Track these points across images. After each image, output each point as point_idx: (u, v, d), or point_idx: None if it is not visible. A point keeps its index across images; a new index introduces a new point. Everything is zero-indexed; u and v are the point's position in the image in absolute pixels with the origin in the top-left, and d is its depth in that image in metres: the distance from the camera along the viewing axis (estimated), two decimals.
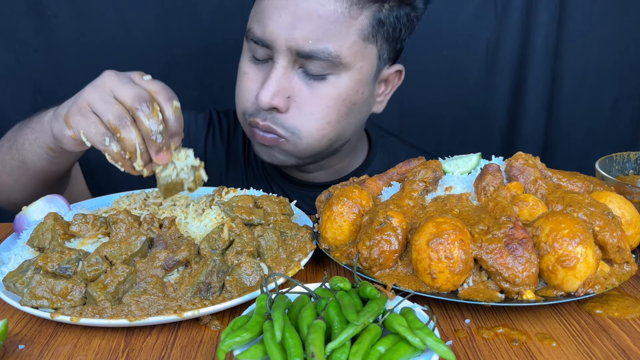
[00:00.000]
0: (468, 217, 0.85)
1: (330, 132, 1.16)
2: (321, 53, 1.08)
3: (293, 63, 1.11)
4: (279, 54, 1.09)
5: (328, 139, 1.17)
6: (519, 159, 0.95)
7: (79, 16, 1.79)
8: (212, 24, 1.86)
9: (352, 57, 1.11)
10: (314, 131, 1.15)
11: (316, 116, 1.13)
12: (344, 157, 1.33)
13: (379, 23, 1.12)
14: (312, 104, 1.13)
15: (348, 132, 1.21)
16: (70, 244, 0.91)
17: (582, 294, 0.78)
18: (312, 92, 1.12)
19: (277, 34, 1.08)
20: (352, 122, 1.20)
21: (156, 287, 0.81)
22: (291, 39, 1.07)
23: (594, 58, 1.90)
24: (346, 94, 1.14)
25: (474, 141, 2.00)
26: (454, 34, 1.89)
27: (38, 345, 0.77)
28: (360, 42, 1.11)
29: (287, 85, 1.11)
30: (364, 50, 1.12)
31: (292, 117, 1.13)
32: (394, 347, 0.65)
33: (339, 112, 1.15)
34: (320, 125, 1.14)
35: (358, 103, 1.17)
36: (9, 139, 1.17)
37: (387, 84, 1.26)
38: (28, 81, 1.85)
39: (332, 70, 1.11)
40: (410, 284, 0.81)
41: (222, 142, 1.40)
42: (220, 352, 0.65)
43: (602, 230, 0.82)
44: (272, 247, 0.92)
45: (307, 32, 1.07)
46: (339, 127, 1.17)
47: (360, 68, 1.13)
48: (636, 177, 1.10)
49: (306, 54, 1.08)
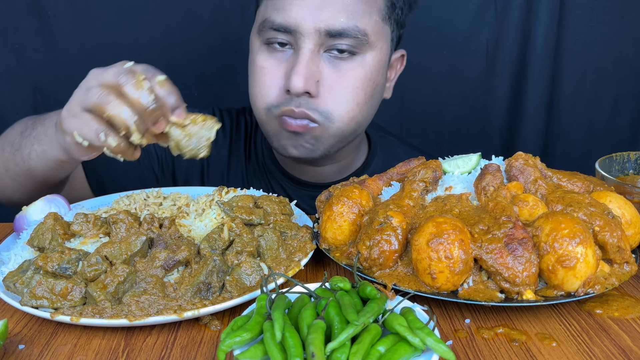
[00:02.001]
0: (468, 217, 0.85)
1: (358, 114, 1.18)
2: (352, 30, 1.10)
3: (319, 46, 1.12)
4: (304, 38, 1.10)
5: (356, 121, 1.19)
6: (519, 159, 0.95)
7: (79, 16, 1.79)
8: (212, 24, 1.86)
9: (375, 37, 1.14)
10: (344, 114, 1.16)
11: (347, 98, 1.15)
12: (351, 150, 1.33)
13: (392, 5, 1.17)
14: (341, 86, 1.14)
15: (370, 114, 1.24)
16: (70, 244, 0.91)
17: (582, 294, 0.78)
18: (340, 74, 1.14)
19: (302, 17, 1.09)
20: (374, 106, 1.23)
21: (156, 287, 0.81)
22: (320, 20, 1.09)
23: (594, 58, 1.89)
24: (371, 74, 1.16)
25: (474, 141, 2.00)
26: (454, 33, 1.89)
27: (38, 345, 0.77)
28: (380, 22, 1.15)
29: (315, 70, 1.12)
30: (382, 31, 1.16)
31: (325, 102, 1.14)
32: (394, 347, 0.65)
33: (366, 92, 1.17)
34: (350, 107, 1.16)
35: (379, 85, 1.20)
36: (11, 144, 1.15)
37: (391, 70, 1.28)
38: (28, 81, 1.85)
39: (359, 50, 1.13)
40: (410, 284, 0.81)
41: (225, 141, 1.40)
42: (220, 352, 0.65)
43: (602, 230, 0.82)
44: (272, 247, 0.92)
45: (336, 10, 1.09)
46: (365, 109, 1.19)
47: (381, 48, 1.17)
48: (636, 177, 1.10)
49: (337, 32, 1.10)
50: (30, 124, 1.14)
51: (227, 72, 1.92)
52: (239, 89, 1.42)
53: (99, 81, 0.87)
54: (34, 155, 1.08)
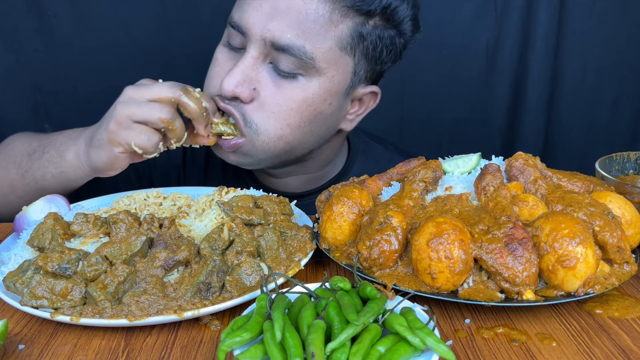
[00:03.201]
0: (468, 217, 0.85)
1: (289, 135, 1.13)
2: (296, 49, 1.05)
3: (264, 56, 1.09)
4: (252, 43, 1.08)
5: (286, 142, 1.14)
6: (519, 159, 0.95)
7: (79, 16, 1.79)
8: (212, 24, 1.85)
9: (325, 63, 1.09)
10: (272, 130, 1.12)
11: (277, 115, 1.11)
12: (319, 166, 1.31)
13: (359, 37, 1.10)
14: (276, 102, 1.10)
15: (310, 141, 1.18)
16: (70, 244, 0.91)
17: (582, 294, 0.78)
18: (278, 90, 1.10)
19: (253, 22, 1.07)
20: (316, 132, 1.17)
21: (156, 287, 0.81)
22: (267, 29, 1.05)
23: (594, 58, 1.89)
24: (312, 100, 1.11)
25: (474, 141, 2.00)
26: (454, 34, 1.89)
27: (38, 345, 0.77)
28: (336, 50, 1.09)
29: (253, 77, 1.09)
30: (339, 60, 1.10)
31: (253, 111, 1.10)
32: (394, 347, 0.65)
33: (302, 117, 1.12)
34: (279, 125, 1.11)
35: (324, 113, 1.14)
36: (17, 165, 1.18)
37: (360, 104, 1.23)
38: (28, 81, 1.85)
39: (303, 72, 1.09)
40: (410, 284, 0.81)
41: (201, 151, 1.38)
42: (220, 352, 0.65)
43: (602, 230, 0.82)
44: (272, 247, 0.92)
45: (286, 25, 1.05)
46: (299, 133, 1.14)
47: (333, 77, 1.11)
48: (636, 177, 1.10)
49: (281, 47, 1.05)
50: (35, 145, 1.18)
51: None
52: None
53: (150, 97, 1.02)
54: (49, 176, 1.13)
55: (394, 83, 1.91)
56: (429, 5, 1.82)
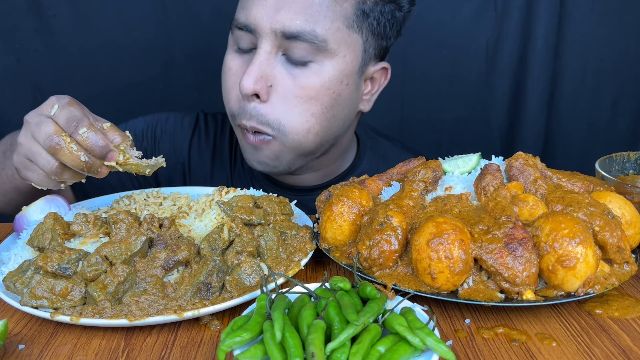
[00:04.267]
0: (468, 217, 0.85)
1: (315, 125, 1.13)
2: (308, 34, 1.06)
3: (277, 48, 1.09)
4: (262, 38, 1.08)
5: (314, 133, 1.14)
6: (519, 159, 0.95)
7: (79, 16, 1.79)
8: (212, 24, 1.86)
9: (336, 44, 1.10)
10: (298, 125, 1.12)
11: (300, 108, 1.11)
12: (334, 159, 1.31)
13: (363, 14, 1.12)
14: (294, 94, 1.10)
15: (335, 127, 1.18)
16: (70, 244, 0.91)
17: (582, 294, 0.78)
18: (295, 81, 1.10)
19: (261, 16, 1.07)
20: (339, 116, 1.17)
21: (156, 287, 0.81)
22: (276, 21, 1.06)
23: (594, 58, 1.90)
24: (330, 84, 1.11)
25: (474, 141, 2.00)
26: (454, 34, 1.89)
27: (38, 345, 0.77)
28: (344, 29, 1.10)
29: (269, 72, 1.09)
30: (348, 39, 1.11)
31: (274, 110, 1.11)
32: (394, 347, 0.65)
33: (323, 103, 1.12)
34: (304, 118, 1.12)
35: (343, 95, 1.15)
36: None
37: (373, 83, 1.24)
38: (28, 81, 1.85)
39: (316, 57, 1.09)
40: (410, 284, 0.81)
41: (208, 145, 1.38)
42: (220, 352, 0.65)
43: (602, 230, 0.82)
44: (272, 247, 0.92)
45: (293, 12, 1.06)
46: (324, 120, 1.14)
47: (345, 57, 1.12)
48: (636, 177, 1.10)
49: (292, 35, 1.06)
50: (8, 143, 1.17)
51: None
52: None
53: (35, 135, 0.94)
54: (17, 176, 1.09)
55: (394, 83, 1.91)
56: (429, 5, 1.82)
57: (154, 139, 1.36)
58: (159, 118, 1.38)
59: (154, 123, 1.37)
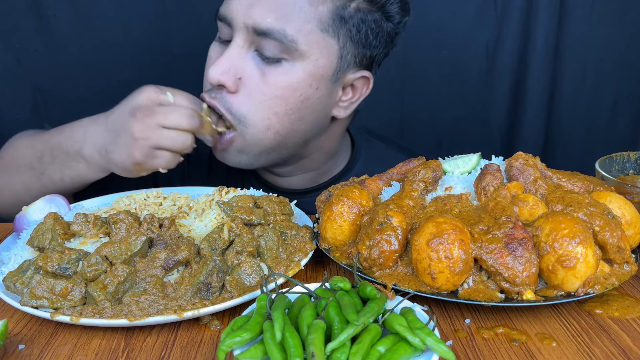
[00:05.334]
0: (468, 217, 0.85)
1: (276, 124, 1.13)
2: (277, 33, 1.06)
3: (249, 43, 1.10)
4: (236, 31, 1.10)
5: (275, 131, 1.14)
6: (519, 159, 0.95)
7: (79, 16, 1.79)
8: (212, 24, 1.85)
9: (308, 46, 1.09)
10: (259, 120, 1.12)
11: (263, 105, 1.11)
12: (321, 162, 1.30)
13: (340, 19, 1.10)
14: (261, 90, 1.10)
15: (301, 129, 1.17)
16: (70, 244, 0.91)
17: (582, 294, 0.78)
18: (263, 77, 1.10)
19: (236, 10, 1.09)
20: (305, 119, 1.16)
21: (156, 287, 0.81)
22: (248, 16, 1.07)
23: (594, 58, 1.89)
24: (297, 85, 1.11)
25: (474, 141, 2.00)
26: (454, 33, 1.89)
27: (38, 345, 0.77)
28: (318, 32, 1.09)
29: (239, 65, 1.10)
30: (321, 42, 1.10)
31: (240, 102, 1.11)
32: (394, 347, 0.65)
33: (288, 103, 1.12)
34: (266, 115, 1.12)
35: (312, 99, 1.13)
36: (30, 168, 1.21)
37: (354, 91, 1.21)
38: (28, 81, 1.85)
39: (287, 56, 1.09)
40: (410, 284, 0.81)
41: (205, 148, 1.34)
42: (220, 352, 0.65)
43: (602, 230, 0.82)
44: (272, 247, 0.92)
45: (266, 9, 1.06)
46: (287, 121, 1.13)
47: (317, 60, 1.10)
48: (636, 177, 1.10)
49: (262, 32, 1.07)
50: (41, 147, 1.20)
51: None
52: None
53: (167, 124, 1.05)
54: (67, 179, 1.17)
55: (394, 83, 1.91)
56: (429, 5, 1.82)
57: None
58: None
59: None
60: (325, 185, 1.30)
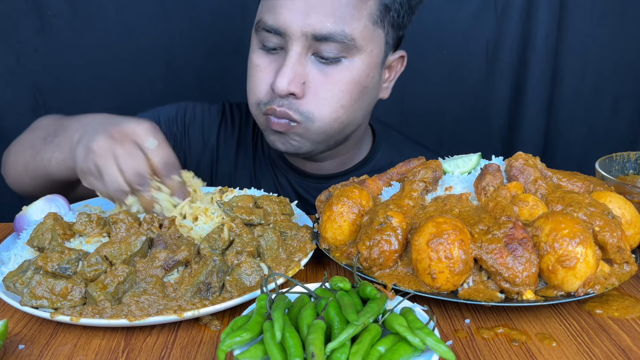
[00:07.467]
0: (468, 217, 0.85)
1: (342, 115, 1.19)
2: (338, 35, 1.11)
3: (307, 49, 1.13)
4: (292, 40, 1.12)
5: (340, 122, 1.19)
6: (519, 159, 0.95)
7: (79, 16, 1.79)
8: (212, 24, 1.86)
9: (364, 41, 1.14)
10: (327, 115, 1.17)
11: (330, 100, 1.16)
12: (351, 146, 1.35)
13: (385, 8, 1.16)
14: (327, 88, 1.15)
15: (359, 116, 1.24)
16: (70, 244, 0.91)
17: (582, 294, 0.78)
18: (326, 77, 1.15)
19: (291, 20, 1.11)
20: (363, 106, 1.23)
21: (156, 287, 0.81)
22: (306, 24, 1.10)
23: (594, 58, 1.89)
24: (359, 78, 1.17)
25: (474, 141, 2.00)
26: (454, 34, 1.89)
27: (38, 345, 0.77)
28: (370, 26, 1.15)
29: (301, 72, 1.14)
30: (373, 34, 1.16)
31: (308, 103, 1.15)
32: (394, 347, 0.65)
33: (352, 95, 1.18)
34: (333, 109, 1.17)
35: (369, 87, 1.21)
36: (32, 147, 1.20)
37: (390, 70, 1.29)
38: (28, 81, 1.85)
39: (346, 54, 1.14)
40: (410, 284, 0.81)
41: (233, 134, 1.43)
42: (220, 352, 0.65)
43: (602, 230, 0.82)
44: (272, 247, 0.92)
45: (323, 15, 1.10)
46: (351, 111, 1.20)
47: (371, 52, 1.17)
48: (636, 177, 1.10)
49: (323, 37, 1.11)
50: (52, 129, 1.18)
51: (227, 72, 1.92)
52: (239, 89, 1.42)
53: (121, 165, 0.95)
54: (54, 162, 1.12)
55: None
56: (429, 6, 1.82)
57: (184, 125, 1.41)
58: (187, 106, 1.44)
59: (183, 110, 1.43)
60: (351, 170, 1.36)
